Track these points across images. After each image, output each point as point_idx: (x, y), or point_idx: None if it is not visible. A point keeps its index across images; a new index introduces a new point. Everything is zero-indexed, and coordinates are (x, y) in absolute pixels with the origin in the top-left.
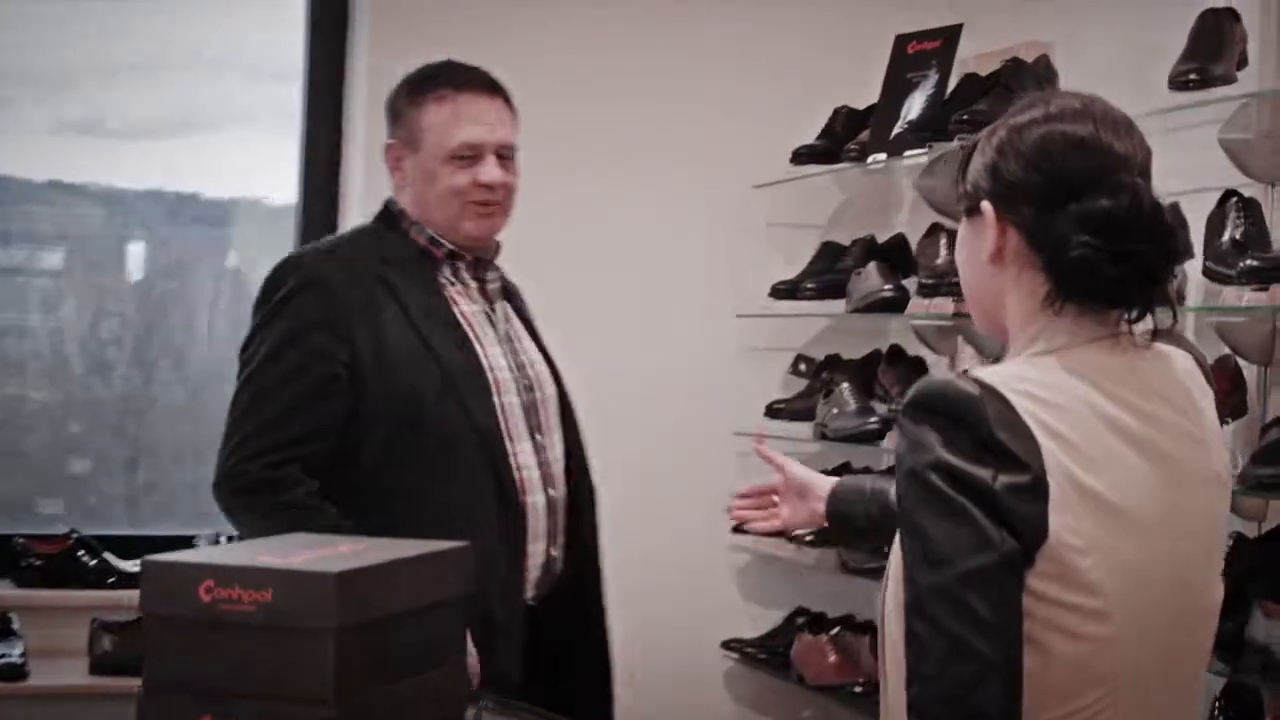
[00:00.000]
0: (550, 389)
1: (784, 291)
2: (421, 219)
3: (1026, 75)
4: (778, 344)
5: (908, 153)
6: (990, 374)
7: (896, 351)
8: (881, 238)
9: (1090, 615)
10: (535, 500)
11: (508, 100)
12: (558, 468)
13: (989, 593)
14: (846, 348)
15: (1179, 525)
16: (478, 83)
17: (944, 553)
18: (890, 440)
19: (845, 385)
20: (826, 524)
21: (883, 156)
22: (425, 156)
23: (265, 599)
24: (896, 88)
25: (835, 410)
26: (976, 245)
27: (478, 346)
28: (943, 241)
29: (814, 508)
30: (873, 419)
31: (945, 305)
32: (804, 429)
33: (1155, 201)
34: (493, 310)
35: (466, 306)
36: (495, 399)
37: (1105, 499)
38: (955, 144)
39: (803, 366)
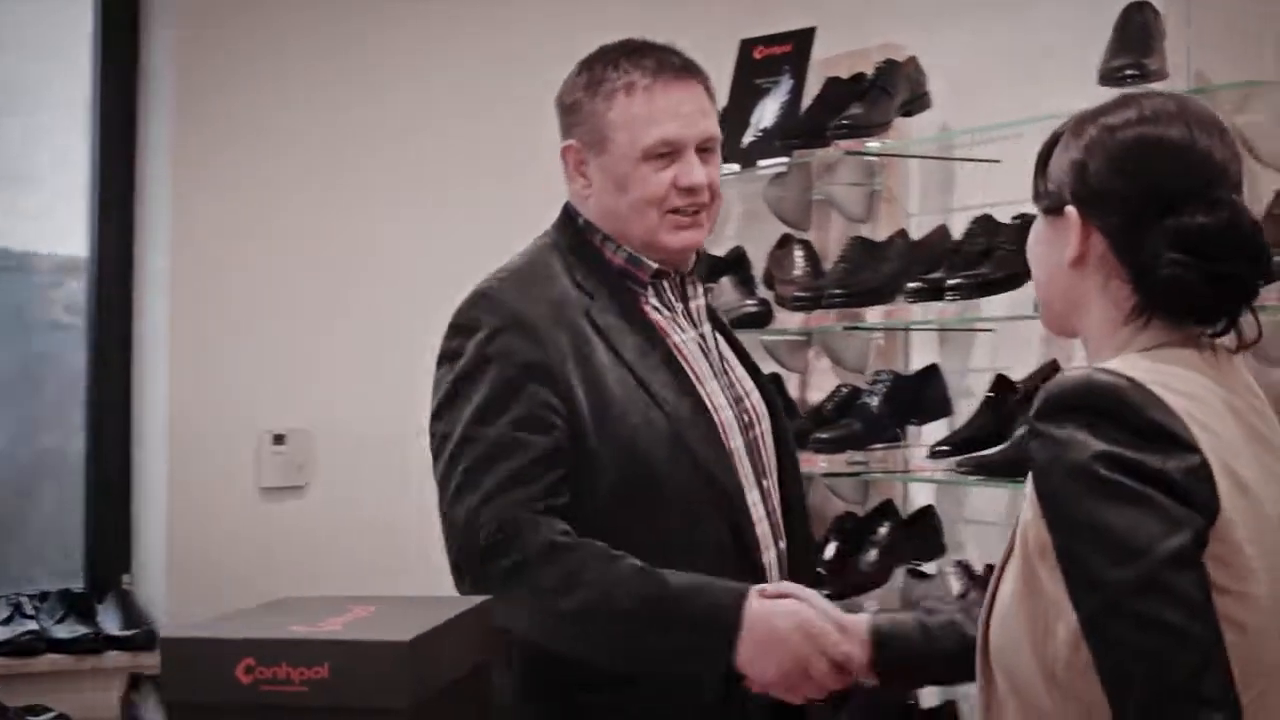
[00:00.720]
0: (767, 423)
1: None
2: (615, 232)
3: (900, 77)
4: None
5: (762, 162)
6: (1116, 366)
7: None
8: (712, 251)
9: (1253, 604)
10: (769, 558)
11: (707, 85)
12: (779, 515)
13: (1193, 573)
14: None
15: None
16: (676, 66)
17: (1137, 543)
18: None
19: None
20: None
21: (735, 167)
22: (615, 158)
23: (321, 676)
24: (745, 94)
25: None
26: (1056, 246)
27: (699, 386)
28: (798, 254)
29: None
30: None
31: (794, 320)
32: None
33: (1254, 220)
34: (703, 336)
35: (678, 336)
36: (725, 445)
37: (1251, 489)
38: (821, 151)
39: None
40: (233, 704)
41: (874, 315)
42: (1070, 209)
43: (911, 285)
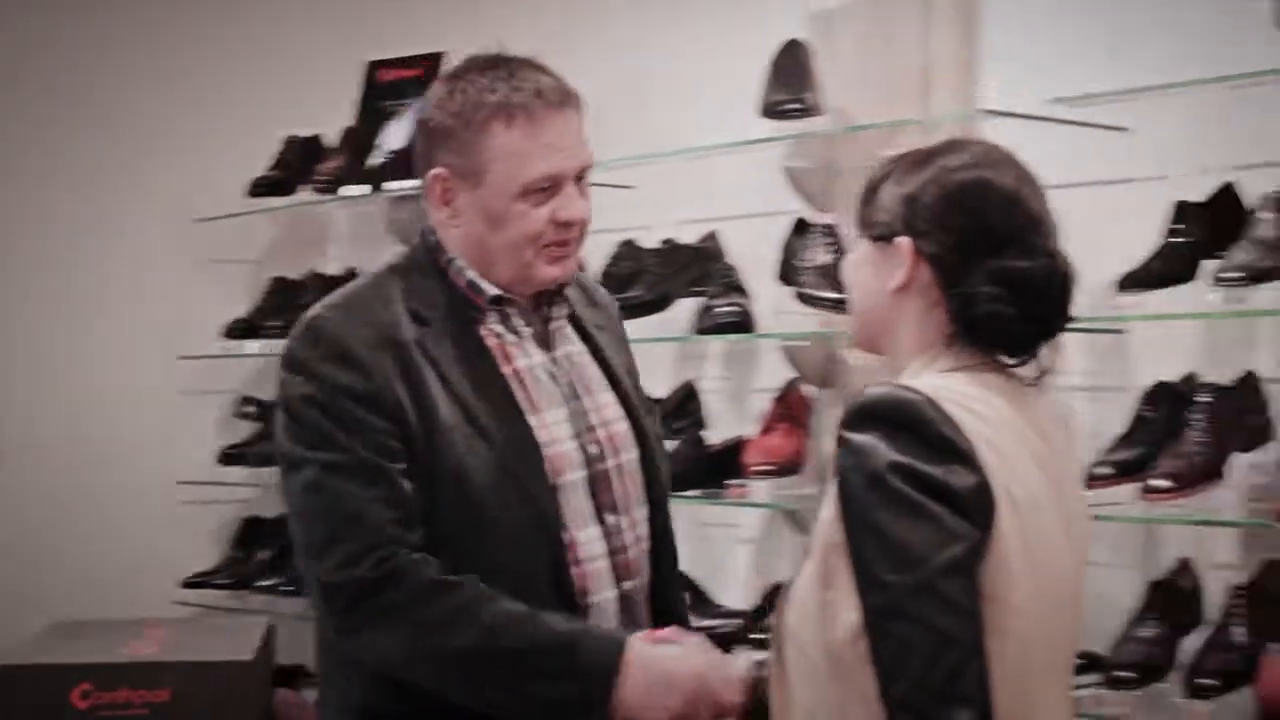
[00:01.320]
0: (630, 454)
1: (241, 331)
2: (478, 264)
3: None
4: (216, 386)
5: (390, 185)
6: (918, 384)
7: None
8: (325, 270)
9: (1020, 613)
10: (602, 599)
11: (580, 108)
12: (638, 551)
13: (964, 582)
14: None
15: (1072, 544)
16: (557, 93)
17: (916, 551)
18: None
19: None
20: None
21: (366, 189)
22: (491, 192)
23: (163, 699)
24: (372, 116)
25: None
26: (882, 271)
27: (532, 416)
28: None
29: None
30: None
31: None
32: (264, 474)
33: (1069, 268)
34: (555, 360)
35: (521, 362)
36: (553, 479)
37: (1026, 508)
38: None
39: (251, 409)
40: None
41: None
42: (902, 239)
43: None
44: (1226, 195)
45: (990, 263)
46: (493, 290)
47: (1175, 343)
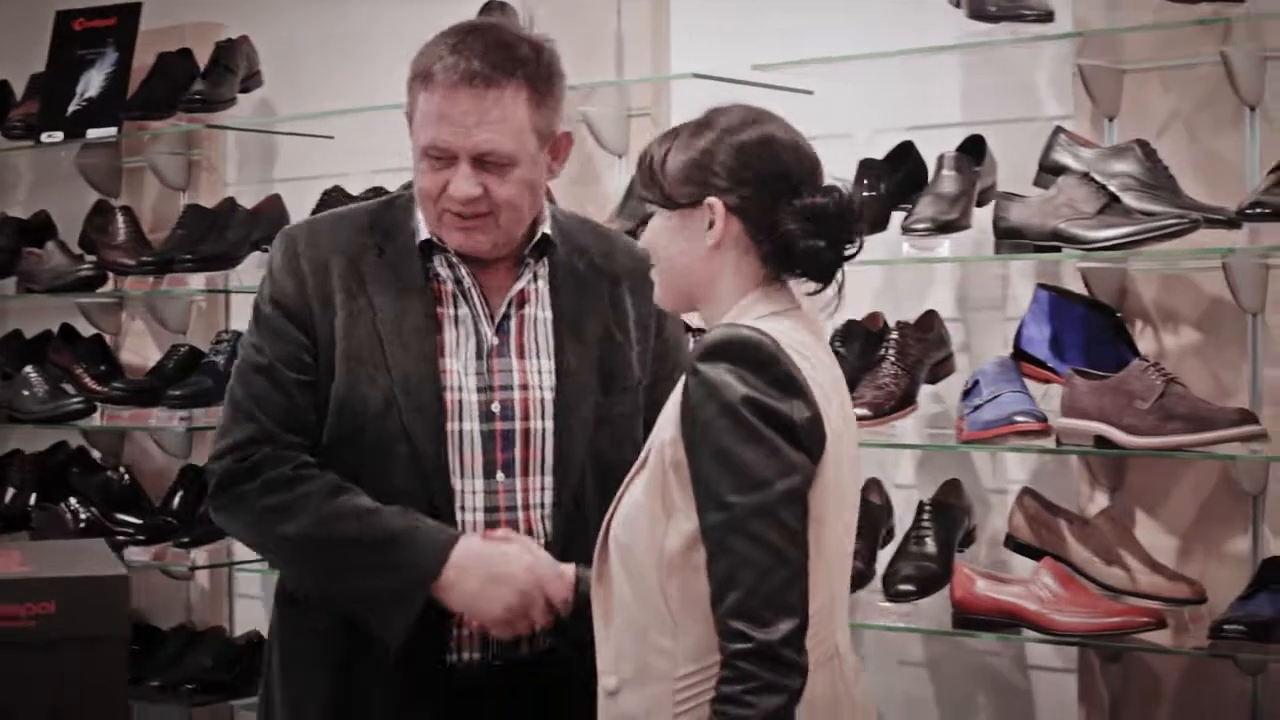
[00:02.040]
0: (540, 423)
1: None
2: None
3: (239, 55)
4: None
5: (93, 131)
6: (759, 326)
7: (69, 331)
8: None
9: (829, 531)
10: None
11: (529, 86)
12: (524, 515)
13: (797, 509)
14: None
15: (853, 457)
16: (466, 72)
17: (761, 476)
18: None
19: (30, 368)
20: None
21: (59, 135)
22: (414, 145)
23: (48, 611)
24: (65, 65)
25: (26, 392)
26: (691, 235)
27: (444, 359)
28: (121, 220)
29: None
30: (76, 399)
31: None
32: None
33: (853, 199)
34: (492, 317)
35: (448, 310)
36: (448, 424)
37: (836, 436)
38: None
39: None
40: None
41: (197, 280)
42: (713, 199)
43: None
44: (905, 153)
45: (794, 204)
46: (423, 234)
47: (863, 286)
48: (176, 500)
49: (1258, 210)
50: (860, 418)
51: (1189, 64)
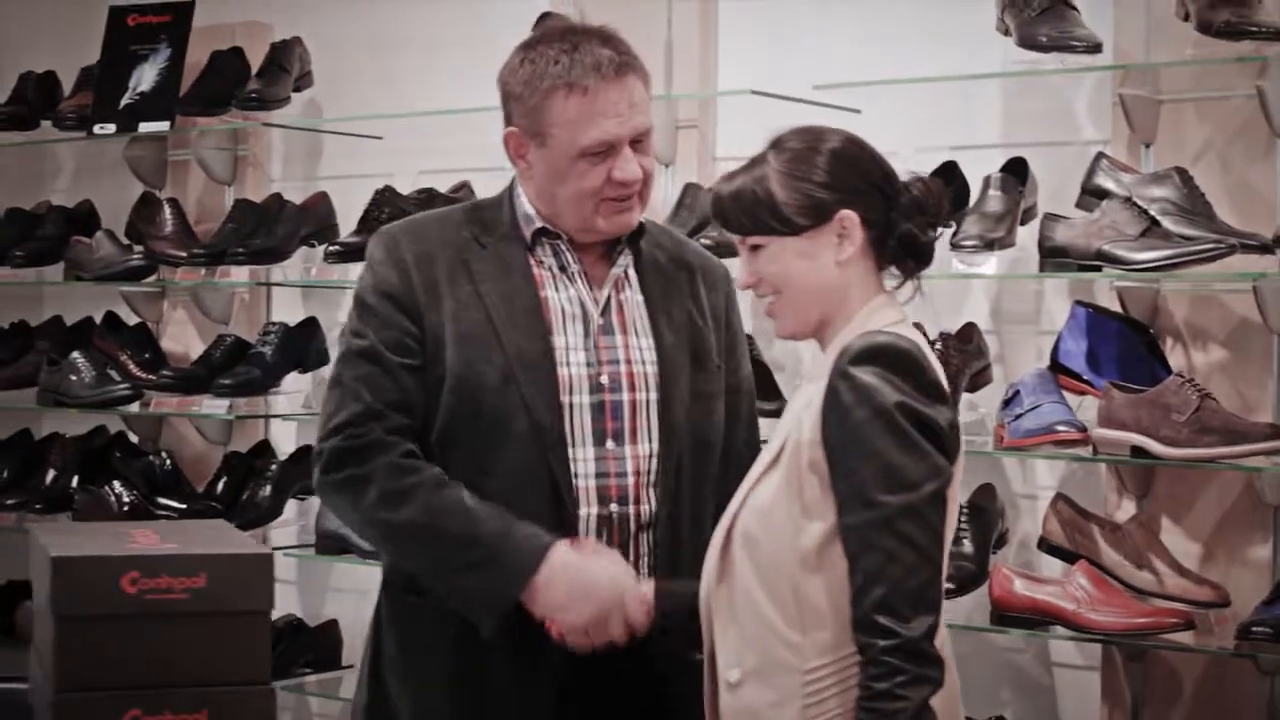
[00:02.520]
0: (646, 394)
1: None
2: (549, 214)
3: (293, 56)
4: None
5: (145, 125)
6: (901, 333)
7: (114, 319)
8: (32, 205)
9: (946, 526)
10: (588, 513)
11: (641, 75)
12: (634, 481)
13: (940, 510)
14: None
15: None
16: (613, 66)
17: (911, 479)
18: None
19: (77, 353)
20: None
21: (111, 127)
22: (555, 154)
23: (199, 584)
24: (118, 59)
25: (74, 377)
26: (822, 252)
27: (555, 337)
28: (168, 212)
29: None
30: (123, 385)
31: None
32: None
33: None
34: (596, 299)
35: (555, 293)
36: (562, 396)
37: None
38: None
39: None
40: (120, 613)
41: (240, 273)
42: (845, 213)
43: (333, 248)
44: (949, 172)
45: (901, 201)
46: (538, 223)
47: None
48: (220, 485)
49: None
50: None
51: (1224, 96)
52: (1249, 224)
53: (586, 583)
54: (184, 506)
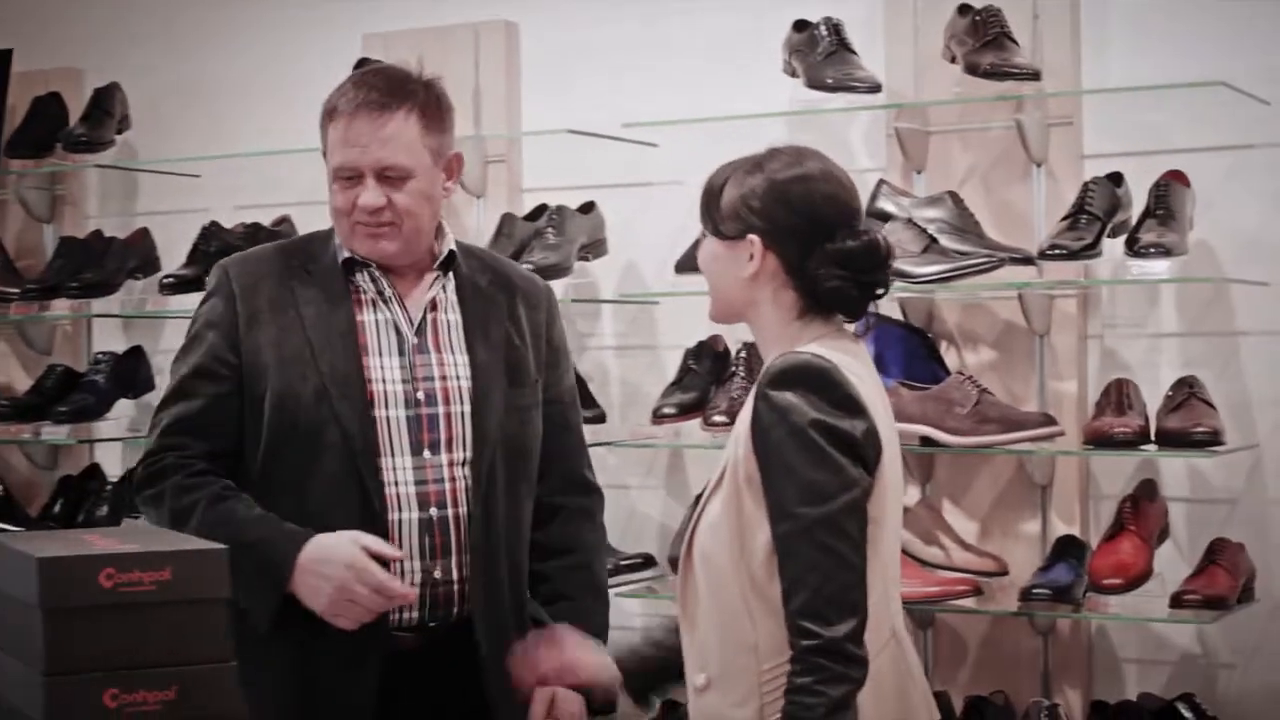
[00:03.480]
0: (460, 407)
1: None
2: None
3: (115, 100)
4: None
5: None
6: (817, 351)
7: None
8: None
9: (884, 527)
10: (408, 517)
11: (421, 112)
12: (450, 487)
13: (858, 518)
14: None
15: (898, 460)
16: (364, 100)
17: (825, 491)
18: None
19: None
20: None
21: None
22: (327, 172)
23: (165, 578)
24: None
25: None
26: (734, 262)
27: (366, 357)
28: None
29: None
30: None
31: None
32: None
33: (883, 241)
34: (411, 321)
35: (371, 316)
36: (373, 411)
37: (886, 445)
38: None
39: None
40: (98, 605)
41: (61, 306)
42: (753, 236)
43: (167, 279)
44: None
45: (826, 247)
46: (344, 254)
47: (696, 312)
48: (57, 507)
49: (1055, 251)
50: (717, 424)
51: (985, 128)
52: (1012, 240)
53: (324, 567)
54: (21, 529)
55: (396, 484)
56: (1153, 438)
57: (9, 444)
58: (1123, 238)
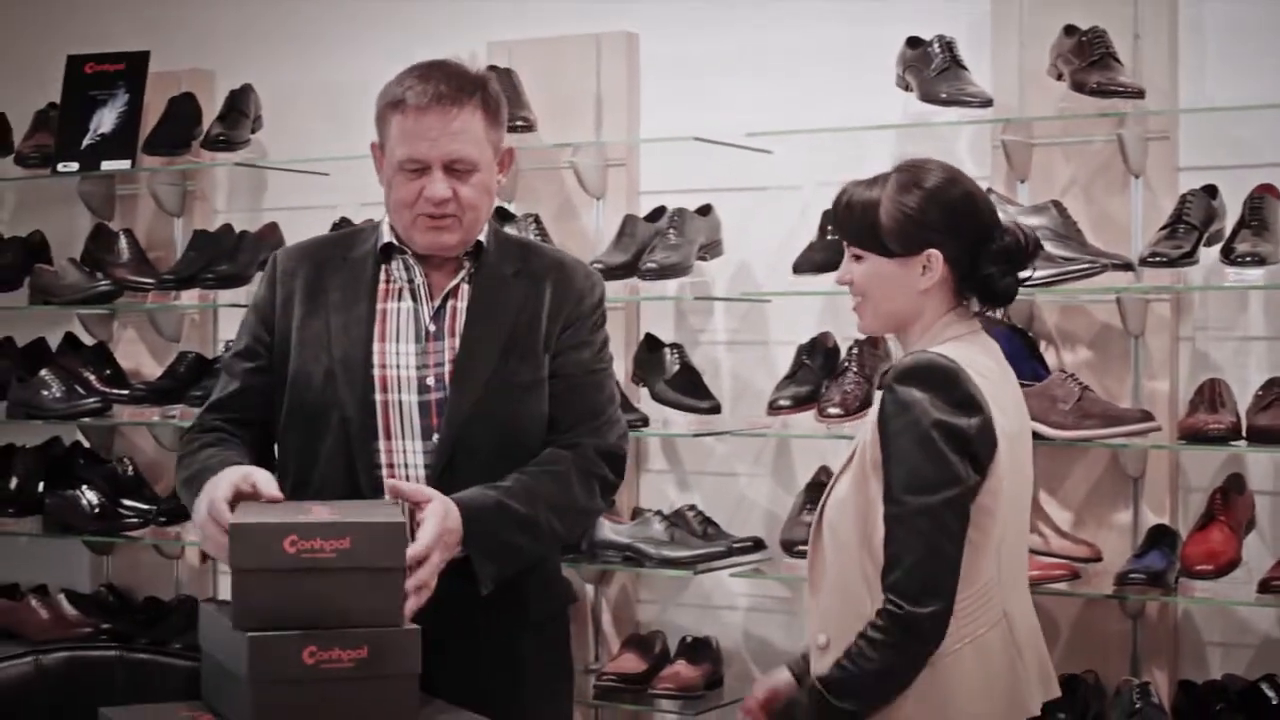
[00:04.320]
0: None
1: None
2: (391, 220)
3: (249, 101)
4: None
5: (106, 163)
6: (946, 352)
7: (73, 339)
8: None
9: (999, 517)
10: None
11: (484, 106)
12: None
13: (958, 512)
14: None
15: (1028, 453)
16: (434, 94)
17: (930, 483)
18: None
19: (45, 371)
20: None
21: (74, 165)
22: (388, 164)
23: (344, 546)
24: (76, 103)
25: (45, 392)
26: (906, 278)
27: (379, 344)
28: (124, 242)
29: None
30: (91, 399)
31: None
32: None
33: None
34: (429, 308)
35: (395, 305)
36: (377, 394)
37: (1009, 439)
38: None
39: None
40: (282, 567)
41: (190, 296)
42: (933, 251)
43: None
44: None
45: (990, 248)
46: (387, 238)
47: (806, 310)
48: None
49: (1156, 259)
50: (832, 415)
51: (1086, 141)
52: (1110, 247)
53: (200, 499)
54: (150, 508)
55: (407, 466)
56: (1243, 434)
57: (138, 426)
58: (1217, 246)
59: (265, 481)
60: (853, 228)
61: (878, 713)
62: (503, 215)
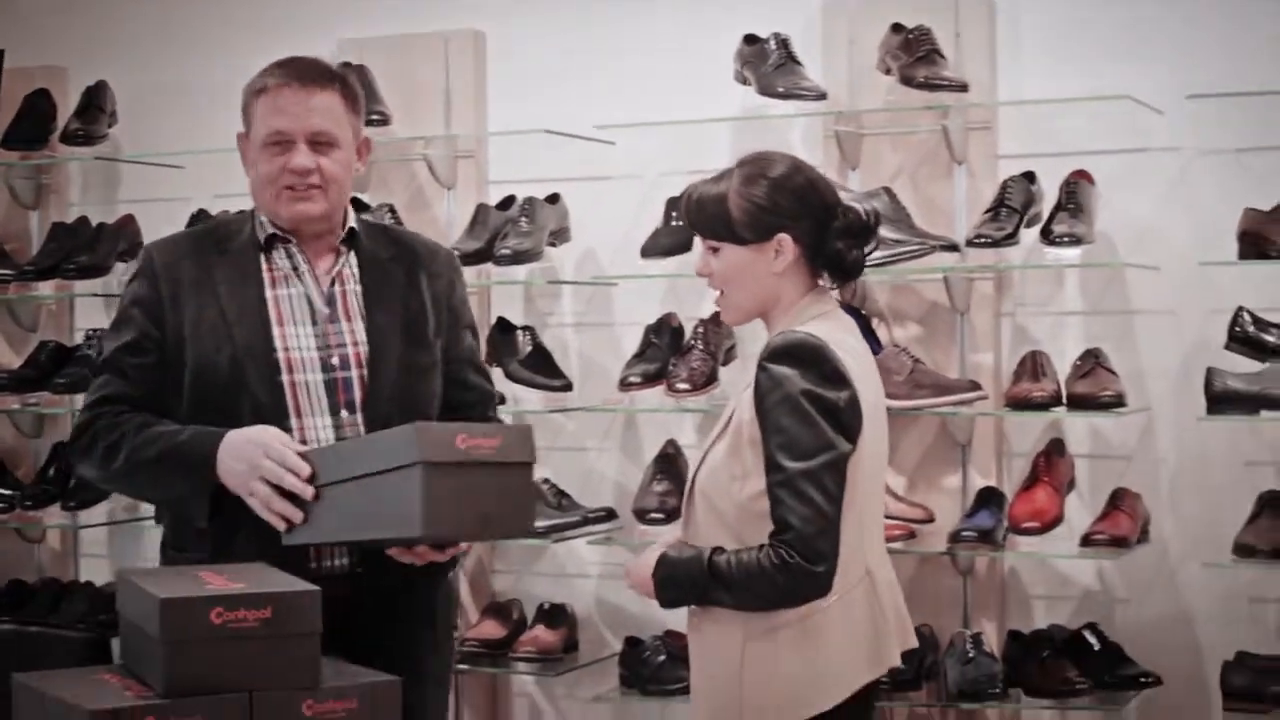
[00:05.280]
0: (364, 370)
1: None
2: (256, 203)
3: (105, 97)
4: None
5: None
6: (812, 330)
7: None
8: None
9: (859, 486)
10: None
11: (342, 92)
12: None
13: (835, 475)
14: None
15: (884, 425)
16: (297, 75)
17: (807, 449)
18: None
19: None
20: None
21: None
22: (253, 146)
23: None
24: None
25: None
26: (761, 264)
27: (276, 328)
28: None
29: None
30: None
31: None
32: None
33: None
34: (320, 292)
35: (285, 291)
36: (283, 376)
37: (869, 411)
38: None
39: None
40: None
41: (46, 286)
42: (783, 235)
43: None
44: None
45: (835, 226)
46: (269, 229)
47: (649, 293)
48: (51, 472)
49: (981, 240)
50: (680, 390)
51: (911, 131)
52: (935, 230)
53: (234, 449)
54: (14, 493)
55: (319, 442)
56: (1064, 401)
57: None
58: (1036, 228)
59: (290, 441)
60: (705, 222)
61: (745, 654)
62: (358, 205)
